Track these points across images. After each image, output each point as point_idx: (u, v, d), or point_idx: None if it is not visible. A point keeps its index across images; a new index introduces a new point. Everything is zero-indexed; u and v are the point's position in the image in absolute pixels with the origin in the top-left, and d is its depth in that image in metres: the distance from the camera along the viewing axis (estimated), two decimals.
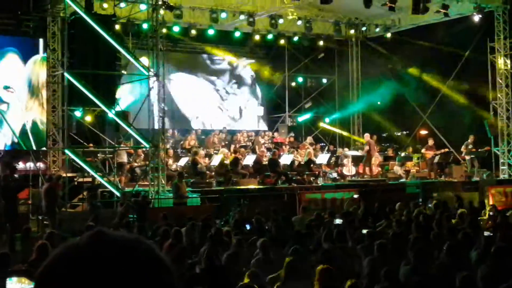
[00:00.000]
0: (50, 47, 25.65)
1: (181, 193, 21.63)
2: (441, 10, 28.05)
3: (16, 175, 21.19)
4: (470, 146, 28.80)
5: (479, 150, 28.87)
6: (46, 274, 1.59)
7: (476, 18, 28.70)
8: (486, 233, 13.34)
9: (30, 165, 24.53)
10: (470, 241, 12.19)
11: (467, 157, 29.15)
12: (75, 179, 23.88)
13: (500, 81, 29.36)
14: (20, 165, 24.41)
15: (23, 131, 24.03)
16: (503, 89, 29.29)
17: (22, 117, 24.22)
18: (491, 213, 17.34)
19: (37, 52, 24.71)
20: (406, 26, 32.14)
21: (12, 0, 25.38)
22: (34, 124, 24.38)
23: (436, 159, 29.53)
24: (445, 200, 20.71)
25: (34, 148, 24.44)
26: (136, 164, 26.14)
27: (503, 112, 29.32)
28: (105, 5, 24.91)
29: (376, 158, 29.45)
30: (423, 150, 30.19)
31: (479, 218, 17.02)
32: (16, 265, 10.56)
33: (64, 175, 22.60)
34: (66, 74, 22.14)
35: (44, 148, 25.30)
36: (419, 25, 31.31)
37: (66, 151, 22.71)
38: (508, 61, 29.27)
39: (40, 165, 25.10)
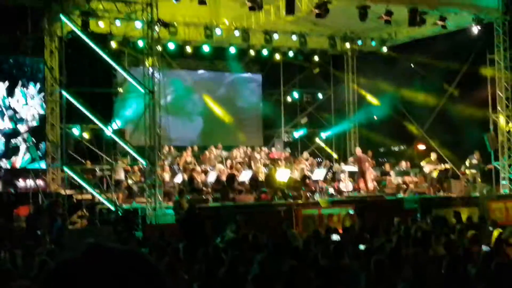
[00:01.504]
0: (48, 65, 25.85)
1: (182, 210, 21.56)
2: (439, 22, 27.90)
3: (13, 192, 21.31)
4: (474, 161, 28.43)
5: (483, 166, 28.61)
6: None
7: (475, 30, 28.41)
8: (484, 248, 13.27)
9: (30, 182, 24.68)
10: (469, 257, 12.12)
11: (468, 172, 28.85)
12: (74, 196, 23.98)
13: (500, 93, 29.19)
14: (21, 183, 24.59)
15: None
16: (503, 102, 29.13)
17: None
18: (490, 229, 17.24)
19: None
20: (403, 39, 32.14)
21: (10, 20, 25.43)
22: None
23: (434, 174, 29.38)
24: (444, 216, 20.62)
25: None
26: (131, 180, 26.18)
27: (504, 125, 29.16)
28: (101, 24, 24.96)
29: (369, 172, 29.33)
30: (423, 163, 29.87)
31: (478, 233, 16.94)
32: (18, 280, 10.55)
33: (63, 192, 22.73)
34: (63, 92, 22.35)
35: (43, 166, 25.50)
36: (416, 38, 31.29)
37: (65, 169, 22.87)
38: (508, 73, 29.16)
39: (40, 182, 25.23)
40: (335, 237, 16.33)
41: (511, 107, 29.07)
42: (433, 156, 29.73)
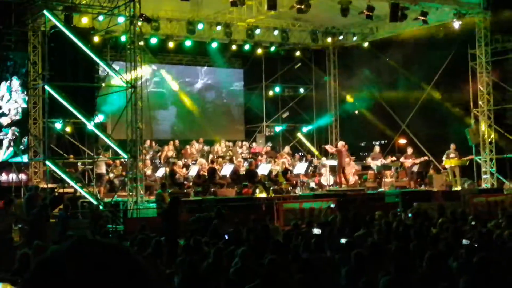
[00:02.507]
0: (31, 60, 25.87)
1: (164, 203, 21.58)
2: (420, 17, 27.96)
3: None
4: (451, 155, 28.54)
5: (462, 159, 28.77)
6: (31, 283, 1.62)
7: (456, 25, 28.49)
8: (465, 242, 13.34)
9: (12, 176, 24.73)
10: (452, 251, 12.21)
11: (448, 166, 28.99)
12: (56, 190, 23.98)
13: (482, 88, 29.30)
14: (3, 177, 24.62)
15: None
16: (485, 97, 29.24)
17: None
18: (473, 223, 17.34)
19: None
20: (384, 34, 32.21)
21: None
22: None
23: (415, 168, 29.52)
24: (425, 210, 20.70)
25: None
26: (113, 174, 26.22)
27: (485, 120, 29.30)
28: (84, 19, 24.93)
29: (351, 167, 29.44)
30: (401, 159, 30.08)
31: (460, 228, 17.02)
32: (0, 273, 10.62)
33: (45, 186, 22.76)
34: (46, 87, 22.35)
35: (25, 160, 25.55)
36: (397, 33, 31.36)
37: (47, 162, 22.88)
38: (490, 68, 29.32)
39: (22, 176, 25.28)
40: (316, 230, 16.37)
41: (492, 101, 29.20)
42: (410, 150, 29.88)
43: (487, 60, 29.04)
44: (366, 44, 32.99)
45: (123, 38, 25.82)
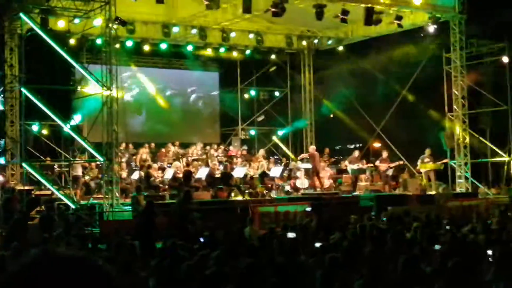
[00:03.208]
0: (8, 63, 25.80)
1: (140, 206, 21.55)
2: (395, 21, 28.09)
3: None
4: (426, 160, 28.66)
5: (436, 163, 28.89)
6: None
7: (431, 28, 28.55)
8: (437, 247, 13.43)
9: None
10: (426, 256, 12.29)
11: (422, 170, 29.08)
12: (32, 192, 23.93)
13: (456, 92, 29.46)
14: None
15: None
16: (459, 101, 29.39)
17: None
18: (447, 227, 17.45)
19: None
20: (359, 38, 32.31)
21: None
22: None
23: (390, 172, 29.64)
24: (400, 214, 20.79)
25: None
26: (89, 177, 26.17)
27: (460, 124, 29.42)
28: (60, 22, 24.85)
29: (325, 171, 29.51)
30: (377, 162, 30.19)
31: (434, 232, 17.10)
32: None
33: (22, 188, 22.73)
34: (23, 89, 22.33)
35: (2, 162, 25.53)
36: (372, 37, 31.48)
37: (24, 165, 22.85)
38: (464, 72, 29.49)
39: (0, 178, 25.29)
40: (291, 234, 16.43)
41: (467, 105, 29.36)
42: (385, 154, 29.99)
43: (462, 64, 29.17)
44: (341, 48, 33.12)
45: (99, 41, 25.78)
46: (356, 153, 30.79)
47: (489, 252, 13.04)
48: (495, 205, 25.77)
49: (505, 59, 29.74)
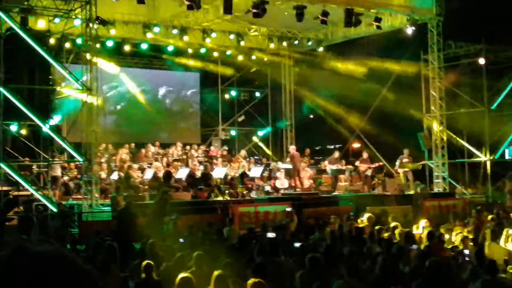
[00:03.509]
0: None
1: (119, 206, 21.51)
2: (374, 23, 28.27)
3: None
4: (405, 160, 28.82)
5: (414, 164, 29.05)
6: None
7: (409, 30, 28.69)
8: (415, 247, 13.54)
9: None
10: (404, 255, 12.38)
11: (401, 171, 29.22)
12: (10, 193, 23.76)
13: (434, 93, 29.71)
14: None
15: None
16: (437, 102, 29.63)
17: None
18: (424, 227, 17.58)
19: None
20: (339, 39, 32.46)
21: None
22: None
23: (369, 172, 29.79)
24: (378, 214, 20.89)
25: None
26: (68, 177, 26.07)
27: (437, 125, 29.69)
28: (40, 21, 24.77)
29: (305, 171, 29.59)
30: (357, 163, 30.31)
31: (412, 232, 17.22)
32: None
33: None
34: (1, 89, 22.16)
35: None
36: (352, 38, 31.65)
37: (2, 165, 22.66)
38: (442, 74, 29.71)
39: None
40: (271, 234, 16.49)
41: (444, 106, 29.61)
42: (365, 154, 30.15)
43: (439, 65, 29.42)
44: (321, 49, 33.26)
45: (79, 41, 25.71)
46: (336, 154, 30.92)
47: (466, 251, 13.19)
48: (472, 204, 26.02)
49: (482, 61, 30.02)
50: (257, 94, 37.07)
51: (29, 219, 19.00)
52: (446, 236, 16.10)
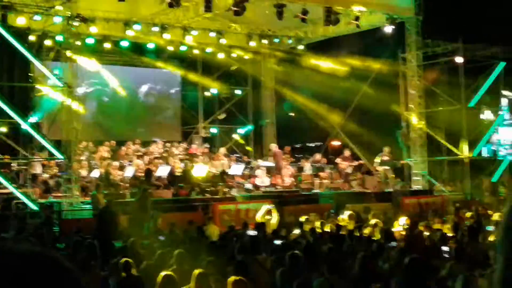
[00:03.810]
0: None
1: (99, 205, 21.48)
2: (353, 22, 28.46)
3: None
4: (385, 158, 28.99)
5: (394, 161, 29.21)
6: None
7: (388, 29, 28.90)
8: (394, 244, 13.63)
9: None
10: (383, 252, 12.48)
11: (380, 168, 29.40)
12: None
13: (413, 91, 29.92)
14: None
15: None
16: (416, 100, 29.85)
17: None
18: (403, 224, 17.70)
19: None
20: (318, 38, 32.59)
21: None
22: None
23: (349, 170, 29.91)
24: (358, 211, 21.01)
25: None
26: (47, 175, 25.93)
27: (416, 122, 29.88)
28: (20, 18, 24.65)
29: (287, 169, 29.66)
30: (338, 160, 30.41)
31: (392, 229, 17.34)
32: None
33: None
34: None
35: None
36: (331, 37, 31.79)
37: None
38: (421, 72, 29.88)
39: None
40: (252, 232, 16.56)
41: (423, 104, 29.83)
42: (347, 152, 30.27)
43: (418, 64, 29.67)
44: (301, 47, 33.36)
45: (59, 38, 25.61)
46: (318, 156, 31.10)
47: (445, 248, 13.30)
48: (451, 202, 26.25)
49: (459, 59, 30.28)
50: (238, 92, 37.06)
51: (6, 218, 19.02)
52: (426, 233, 16.22)
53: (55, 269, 1.57)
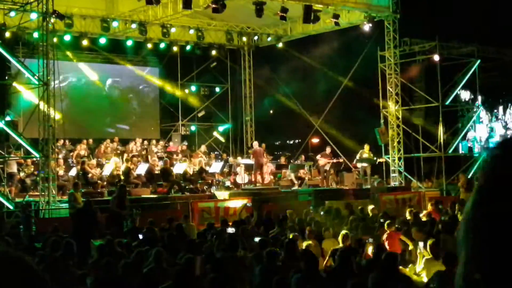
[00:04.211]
0: None
1: (77, 203, 21.33)
2: (332, 20, 28.55)
3: None
4: (364, 155, 29.10)
5: (371, 158, 29.33)
6: None
7: (366, 27, 29.04)
8: (371, 240, 13.63)
9: None
10: (361, 248, 12.49)
11: (359, 165, 29.53)
12: None
13: (390, 89, 30.14)
14: None
15: None
16: (393, 98, 30.08)
17: None
18: (381, 220, 17.73)
19: None
20: (298, 36, 32.66)
21: None
22: None
23: (328, 166, 29.97)
24: (337, 208, 21.04)
25: None
26: (24, 174, 25.71)
27: (393, 120, 30.11)
28: None
29: (268, 166, 29.67)
30: (318, 156, 30.45)
31: (369, 225, 17.39)
32: None
33: None
34: None
35: None
36: (310, 34, 31.89)
37: None
38: (398, 70, 30.04)
39: None
40: (230, 229, 16.53)
41: (400, 102, 30.02)
42: (328, 150, 30.33)
43: (395, 62, 29.90)
44: (280, 45, 33.39)
45: (35, 35, 25.41)
46: (302, 158, 31.28)
47: (421, 244, 13.35)
48: (427, 198, 26.43)
49: (436, 58, 30.54)
50: (217, 89, 37.03)
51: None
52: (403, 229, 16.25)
53: (18, 268, 1.55)
